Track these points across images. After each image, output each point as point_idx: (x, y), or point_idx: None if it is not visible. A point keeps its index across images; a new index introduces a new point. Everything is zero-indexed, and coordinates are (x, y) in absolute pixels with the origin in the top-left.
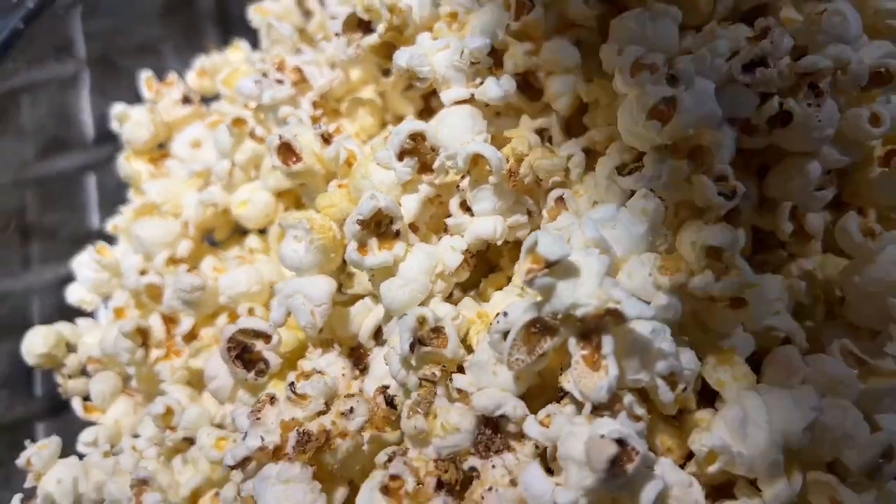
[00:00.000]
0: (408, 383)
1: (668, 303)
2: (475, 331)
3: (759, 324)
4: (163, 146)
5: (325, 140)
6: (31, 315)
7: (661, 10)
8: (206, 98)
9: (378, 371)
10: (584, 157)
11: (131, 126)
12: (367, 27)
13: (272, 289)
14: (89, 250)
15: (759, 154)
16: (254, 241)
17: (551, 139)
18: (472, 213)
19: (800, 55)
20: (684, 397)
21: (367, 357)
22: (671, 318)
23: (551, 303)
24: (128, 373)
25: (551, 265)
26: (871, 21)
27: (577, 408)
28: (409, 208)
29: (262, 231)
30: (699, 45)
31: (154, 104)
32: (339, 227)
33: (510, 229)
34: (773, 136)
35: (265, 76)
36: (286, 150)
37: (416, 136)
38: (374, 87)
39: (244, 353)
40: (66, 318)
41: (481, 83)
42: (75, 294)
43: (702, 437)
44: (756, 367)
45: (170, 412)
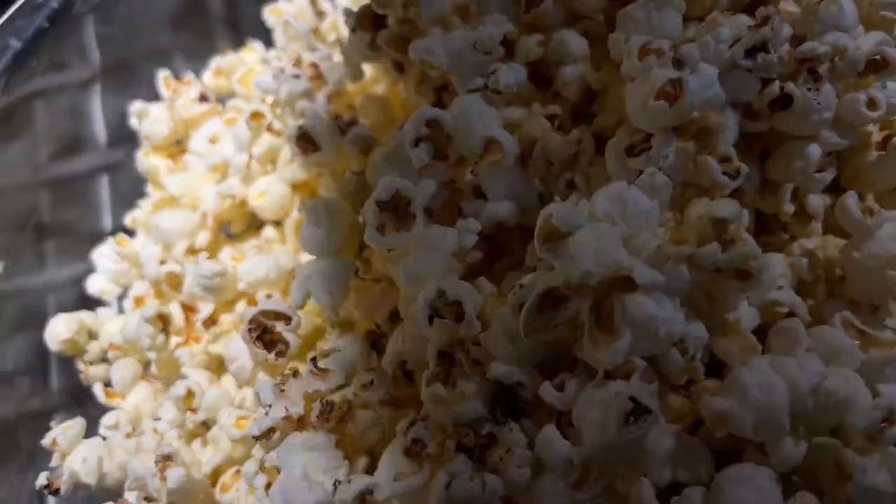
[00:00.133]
0: (426, 355)
1: (677, 272)
2: (490, 308)
3: (763, 298)
4: (180, 143)
5: (342, 131)
6: (46, 311)
7: (666, 1)
8: (221, 97)
9: (395, 350)
10: (593, 142)
11: (150, 122)
12: (382, 22)
13: (289, 276)
14: (109, 242)
15: (761, 139)
16: (270, 232)
17: (561, 126)
18: (485, 198)
19: (798, 43)
20: (693, 367)
21: (384, 339)
22: (680, 288)
23: (565, 273)
24: (148, 359)
25: (566, 235)
26: (866, 13)
27: (591, 375)
28: (424, 193)
29: (278, 224)
30: (702, 33)
31: (172, 102)
32: (356, 213)
33: (522, 213)
34: (775, 120)
35: (282, 72)
36: (305, 140)
37: (432, 123)
38: (386, 85)
39: (265, 334)
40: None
41: (494, 72)
42: (95, 285)
43: (710, 401)
44: (761, 342)
45: (191, 394)
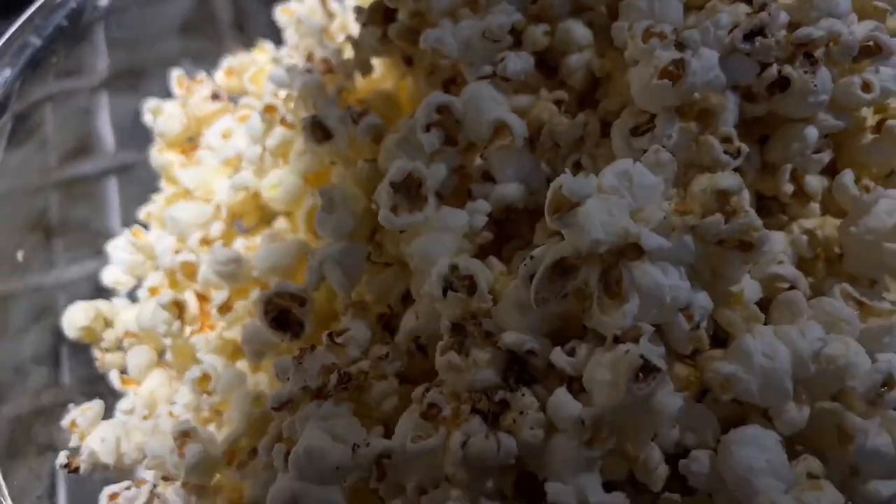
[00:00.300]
0: (439, 330)
1: (682, 242)
2: (500, 285)
3: (764, 272)
4: (192, 140)
5: (354, 120)
6: (56, 308)
7: None
8: (233, 96)
9: (408, 326)
10: (598, 125)
11: (164, 119)
12: (392, 16)
13: (302, 263)
14: (125, 233)
15: (760, 124)
16: (282, 223)
17: (567, 112)
18: (494, 182)
19: (795, 29)
20: (698, 335)
21: (396, 320)
22: (685, 258)
23: (575, 242)
24: (163, 346)
25: (575, 205)
26: (860, 4)
27: (600, 342)
28: (436, 176)
29: (289, 216)
30: (702, 20)
31: (185, 100)
32: (368, 199)
33: (530, 195)
34: (773, 103)
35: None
36: (318, 129)
37: (443, 109)
38: (394, 81)
39: (280, 316)
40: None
41: (502, 60)
42: (110, 276)
43: (716, 366)
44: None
45: (206, 377)
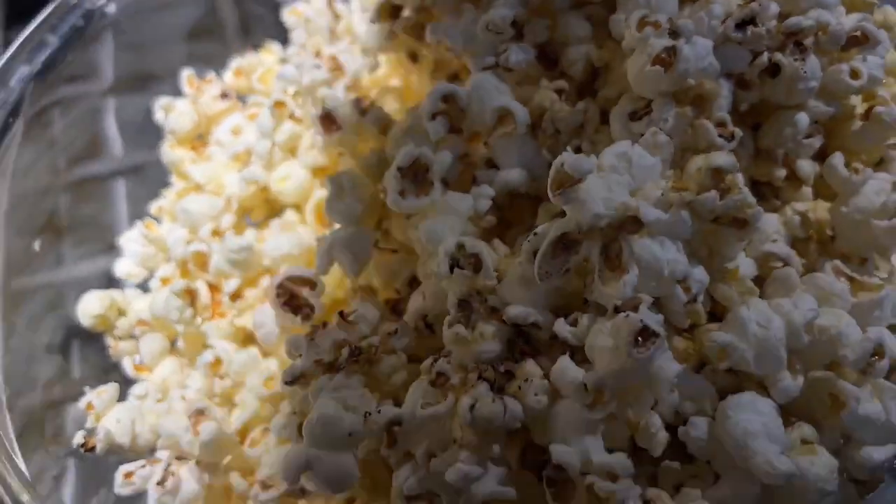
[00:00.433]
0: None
1: (679, 217)
2: (504, 265)
3: (758, 250)
4: (201, 137)
5: (362, 112)
6: (65, 305)
7: None
8: (241, 96)
9: (416, 306)
10: (598, 112)
11: (175, 116)
12: (398, 13)
13: (311, 252)
14: (137, 226)
15: (754, 112)
16: (291, 215)
17: (568, 100)
18: (497, 168)
19: (784, 19)
20: (695, 309)
21: (403, 303)
22: (682, 233)
23: (576, 216)
24: (176, 333)
25: (577, 182)
26: None
27: (601, 313)
28: (442, 162)
29: (298, 208)
30: (697, 10)
31: (195, 99)
32: (375, 187)
33: (532, 181)
34: (765, 90)
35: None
36: (328, 120)
37: (449, 98)
38: (399, 79)
39: (291, 299)
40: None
41: (504, 51)
42: (122, 268)
43: (712, 335)
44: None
45: (218, 362)
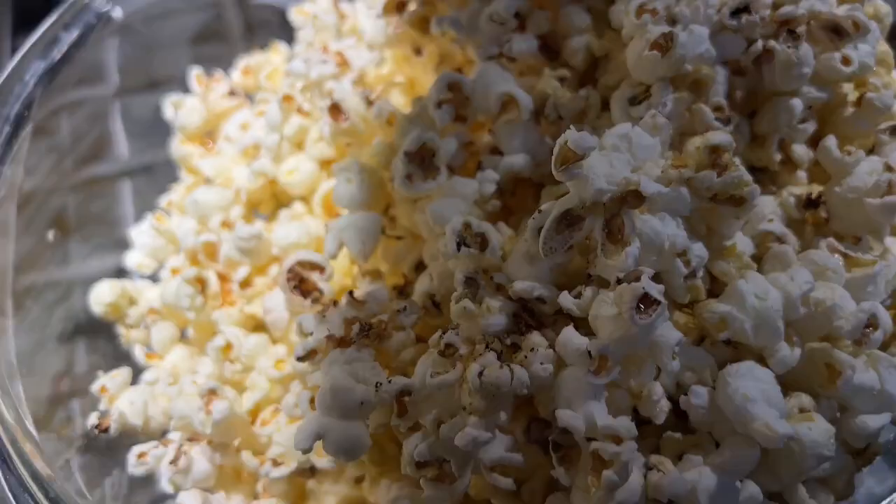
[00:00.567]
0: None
1: (679, 193)
2: (509, 246)
3: (756, 229)
4: (210, 134)
5: (369, 103)
6: (73, 303)
7: None
8: (249, 95)
9: (423, 287)
10: (599, 99)
11: (185, 112)
12: (404, 7)
13: (319, 241)
14: (148, 218)
15: (749, 101)
16: (299, 206)
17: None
18: (502, 155)
19: (777, 8)
20: (695, 286)
21: (410, 287)
22: (681, 209)
23: (580, 192)
24: (186, 322)
25: (580, 158)
26: None
27: (604, 286)
28: (447, 149)
29: (305, 201)
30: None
31: (204, 96)
32: (382, 175)
33: (536, 166)
34: (759, 76)
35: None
36: (336, 111)
37: (454, 86)
38: (404, 76)
39: (301, 283)
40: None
41: (508, 41)
42: (133, 259)
43: (712, 306)
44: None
45: (229, 346)
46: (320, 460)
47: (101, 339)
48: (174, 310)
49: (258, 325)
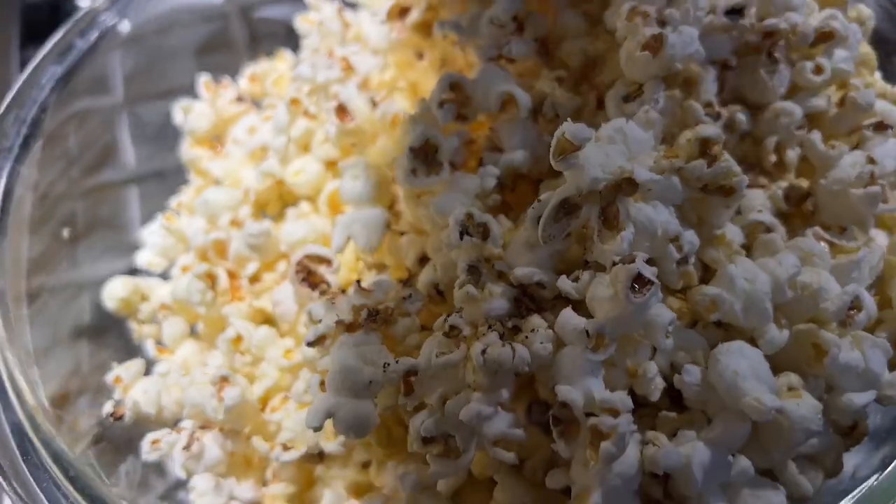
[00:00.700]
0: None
1: (670, 181)
2: (509, 237)
3: (746, 220)
4: (218, 138)
5: (374, 104)
6: (81, 305)
7: None
8: (256, 101)
9: (427, 277)
10: (595, 98)
11: (194, 116)
12: (407, 14)
13: (325, 238)
14: (158, 218)
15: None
16: (305, 206)
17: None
18: (502, 152)
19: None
20: (687, 272)
21: (414, 279)
22: (673, 197)
23: (577, 181)
24: (197, 317)
25: (577, 149)
26: None
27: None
28: (449, 145)
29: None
30: (683, 3)
31: (212, 102)
32: (386, 172)
33: (535, 162)
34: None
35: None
36: (342, 112)
37: (456, 86)
38: (406, 81)
39: (309, 276)
40: (105, 315)
41: (507, 43)
42: (143, 258)
43: (703, 289)
44: None
45: (240, 338)
46: (329, 444)
47: (111, 335)
48: (185, 305)
49: (266, 320)
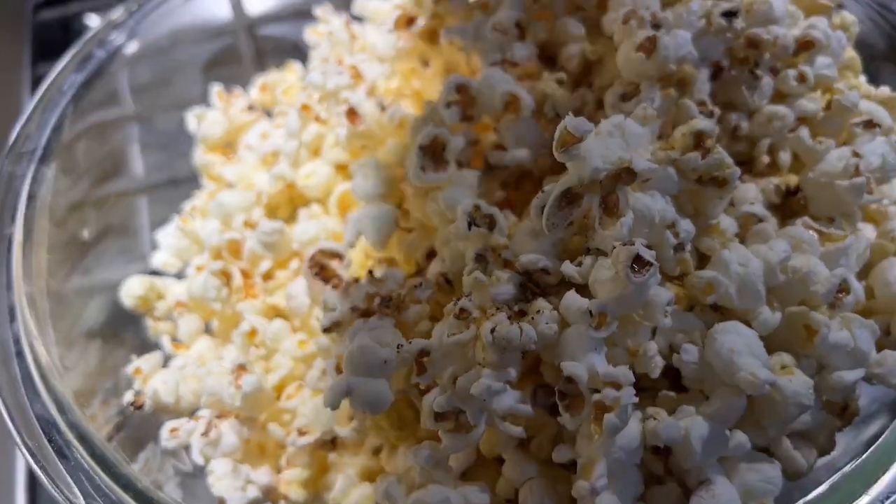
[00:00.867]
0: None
1: (667, 172)
2: (513, 229)
3: (739, 211)
4: (229, 145)
5: (382, 108)
6: (89, 311)
7: None
8: (266, 111)
9: (436, 269)
10: (594, 98)
11: (207, 124)
12: (413, 23)
13: (335, 237)
14: (174, 220)
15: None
16: (316, 207)
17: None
18: (505, 150)
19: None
20: (684, 259)
21: (423, 274)
22: (669, 188)
23: (578, 171)
24: (212, 313)
25: (578, 141)
26: (806, 3)
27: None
28: (456, 144)
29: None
30: (677, 8)
31: (225, 110)
32: (396, 171)
33: (537, 159)
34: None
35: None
36: (353, 115)
37: (462, 88)
38: (411, 89)
39: (321, 271)
40: (118, 318)
41: (510, 48)
42: (159, 259)
43: (699, 273)
44: None
45: (254, 331)
46: (342, 429)
47: (128, 332)
48: (201, 302)
49: (279, 316)
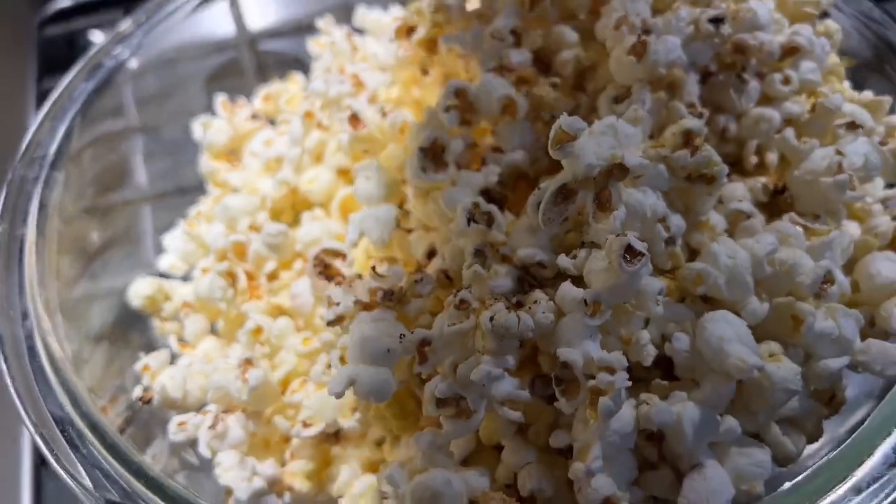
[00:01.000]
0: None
1: (657, 169)
2: (510, 227)
3: (728, 209)
4: (234, 153)
5: (384, 114)
6: (97, 312)
7: None
8: (269, 120)
9: (436, 266)
10: (588, 103)
11: (213, 132)
12: (413, 32)
13: (338, 238)
14: (180, 224)
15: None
16: (319, 212)
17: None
18: (503, 153)
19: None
20: (675, 253)
21: (423, 272)
22: (660, 184)
23: (573, 168)
24: (217, 314)
25: (572, 139)
26: (790, 11)
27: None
28: (455, 147)
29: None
30: (666, 15)
31: (229, 119)
32: (397, 174)
33: (533, 162)
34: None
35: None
36: (355, 120)
37: (460, 92)
38: (411, 97)
39: (325, 270)
40: (125, 320)
41: (506, 54)
42: (166, 262)
43: (689, 265)
44: None
45: (259, 329)
46: (346, 421)
47: (134, 333)
48: (207, 302)
49: (284, 315)
